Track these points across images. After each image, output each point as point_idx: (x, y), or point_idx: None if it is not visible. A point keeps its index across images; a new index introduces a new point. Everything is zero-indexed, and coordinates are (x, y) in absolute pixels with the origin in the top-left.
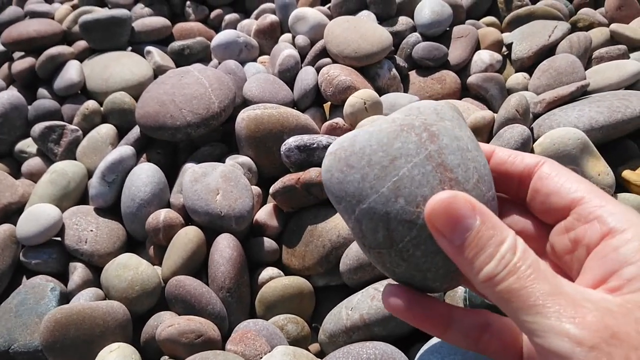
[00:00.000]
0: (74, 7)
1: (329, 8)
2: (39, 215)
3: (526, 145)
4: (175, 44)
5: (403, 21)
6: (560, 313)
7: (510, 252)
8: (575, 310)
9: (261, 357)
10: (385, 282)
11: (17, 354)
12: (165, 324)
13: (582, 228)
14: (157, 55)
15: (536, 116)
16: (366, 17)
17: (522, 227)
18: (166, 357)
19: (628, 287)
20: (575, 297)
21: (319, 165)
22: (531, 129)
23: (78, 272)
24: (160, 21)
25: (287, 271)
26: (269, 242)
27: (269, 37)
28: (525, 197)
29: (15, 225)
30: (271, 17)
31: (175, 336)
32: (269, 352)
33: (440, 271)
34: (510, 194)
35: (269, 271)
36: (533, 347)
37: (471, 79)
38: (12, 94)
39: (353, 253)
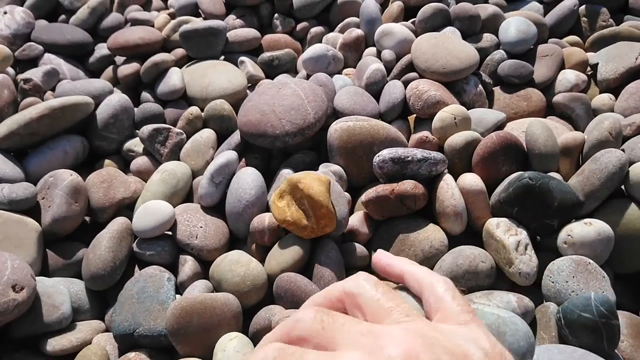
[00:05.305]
0: (171, 16)
1: (413, 23)
2: (155, 210)
3: (623, 170)
4: (265, 55)
5: (487, 38)
6: None
7: None
8: None
9: None
10: (471, 296)
11: (142, 337)
12: (279, 316)
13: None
14: (249, 65)
15: (624, 139)
16: (451, 34)
17: None
18: None
19: None
20: None
21: (412, 178)
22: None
23: (189, 264)
24: (251, 32)
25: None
26: (360, 248)
27: (353, 50)
28: None
29: (127, 218)
30: (357, 32)
31: None
32: None
33: None
34: None
35: None
36: None
37: (557, 98)
38: (121, 97)
39: (447, 265)
